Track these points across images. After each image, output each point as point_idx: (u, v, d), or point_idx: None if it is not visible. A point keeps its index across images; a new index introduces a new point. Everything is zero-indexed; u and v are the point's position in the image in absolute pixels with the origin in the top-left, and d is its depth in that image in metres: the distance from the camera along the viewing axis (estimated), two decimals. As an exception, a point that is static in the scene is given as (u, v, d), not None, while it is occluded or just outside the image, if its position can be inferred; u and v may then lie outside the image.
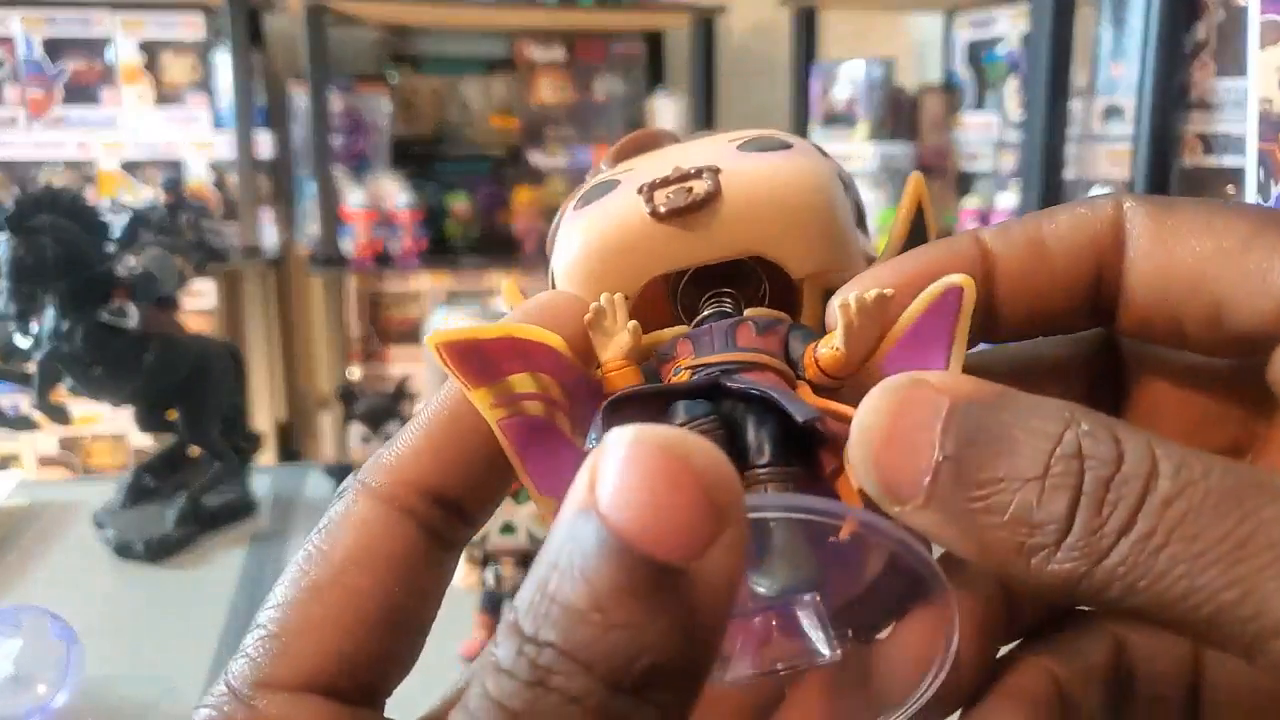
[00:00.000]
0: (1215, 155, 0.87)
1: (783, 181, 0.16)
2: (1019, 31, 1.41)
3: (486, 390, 0.15)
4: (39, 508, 0.62)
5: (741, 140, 0.17)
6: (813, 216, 0.16)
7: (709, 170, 0.16)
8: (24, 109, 1.51)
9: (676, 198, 0.15)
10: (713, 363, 0.15)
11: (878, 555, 0.15)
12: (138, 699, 0.41)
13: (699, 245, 0.16)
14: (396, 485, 0.15)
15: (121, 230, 0.55)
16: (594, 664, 0.10)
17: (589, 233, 0.16)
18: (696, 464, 0.11)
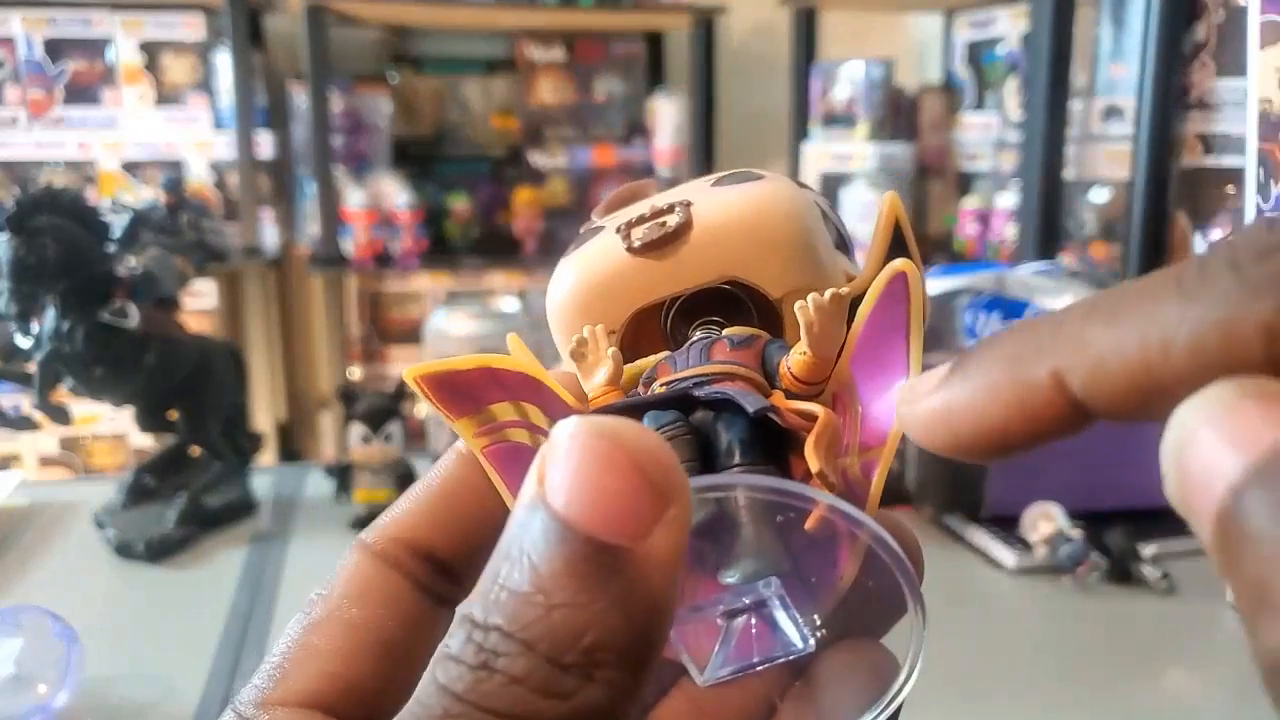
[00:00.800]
0: (1215, 155, 0.87)
1: (752, 207, 0.17)
2: (1019, 31, 1.41)
3: (469, 420, 0.16)
4: (39, 508, 0.62)
5: (717, 178, 0.18)
6: (784, 237, 0.17)
7: (680, 204, 0.17)
8: (24, 109, 1.51)
9: (650, 232, 0.16)
10: (685, 376, 0.16)
11: (849, 549, 0.15)
12: (138, 699, 0.41)
13: (675, 274, 0.17)
14: (388, 542, 0.16)
15: (122, 230, 0.55)
16: (536, 643, 0.11)
17: (574, 273, 0.17)
18: (631, 446, 0.11)
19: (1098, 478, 0.56)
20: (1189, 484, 0.10)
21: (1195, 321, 0.10)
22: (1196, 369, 0.10)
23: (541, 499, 0.11)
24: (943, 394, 0.12)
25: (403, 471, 0.58)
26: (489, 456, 0.16)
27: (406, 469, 0.58)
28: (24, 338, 0.52)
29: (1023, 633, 0.48)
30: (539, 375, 0.16)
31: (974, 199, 1.48)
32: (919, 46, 1.76)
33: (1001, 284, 0.61)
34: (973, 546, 0.55)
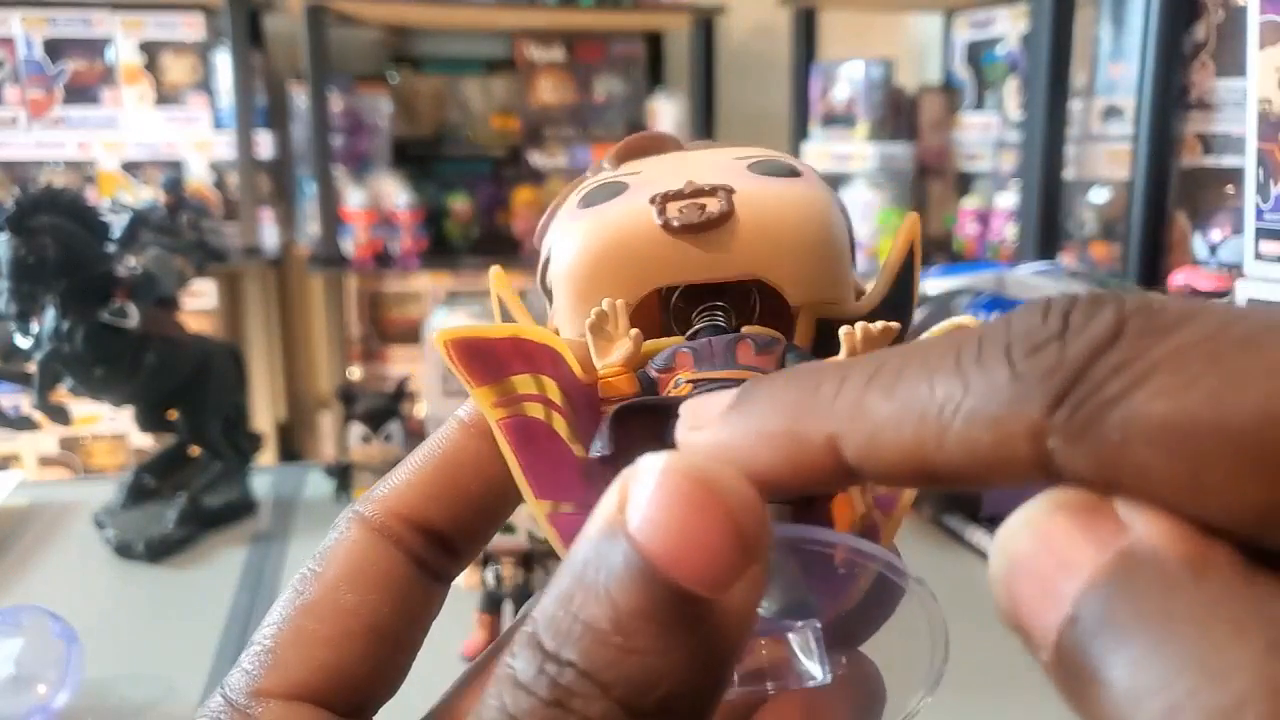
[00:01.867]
0: (1215, 155, 0.87)
1: (793, 210, 0.16)
2: (1018, 31, 1.41)
3: (490, 389, 0.15)
4: (39, 508, 0.62)
5: (751, 160, 0.17)
6: (817, 248, 0.16)
7: (724, 190, 0.16)
8: (24, 109, 1.51)
9: (690, 213, 0.16)
10: (713, 379, 0.15)
11: (869, 575, 0.15)
12: (138, 698, 0.41)
13: (706, 262, 0.16)
14: (387, 515, 0.15)
15: (122, 230, 0.55)
16: (613, 687, 0.10)
17: (596, 235, 0.16)
18: (729, 497, 0.11)
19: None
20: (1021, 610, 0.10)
21: (967, 413, 0.10)
22: (967, 463, 0.10)
23: (624, 530, 0.11)
24: (722, 430, 0.12)
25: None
26: (503, 428, 0.15)
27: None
28: (24, 338, 0.52)
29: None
30: (561, 349, 0.16)
31: (974, 199, 1.48)
32: (919, 46, 1.76)
33: (1001, 284, 0.61)
34: (972, 546, 0.55)
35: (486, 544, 0.16)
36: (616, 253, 0.16)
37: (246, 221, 1.54)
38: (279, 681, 0.14)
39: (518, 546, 0.42)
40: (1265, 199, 0.43)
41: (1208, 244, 0.85)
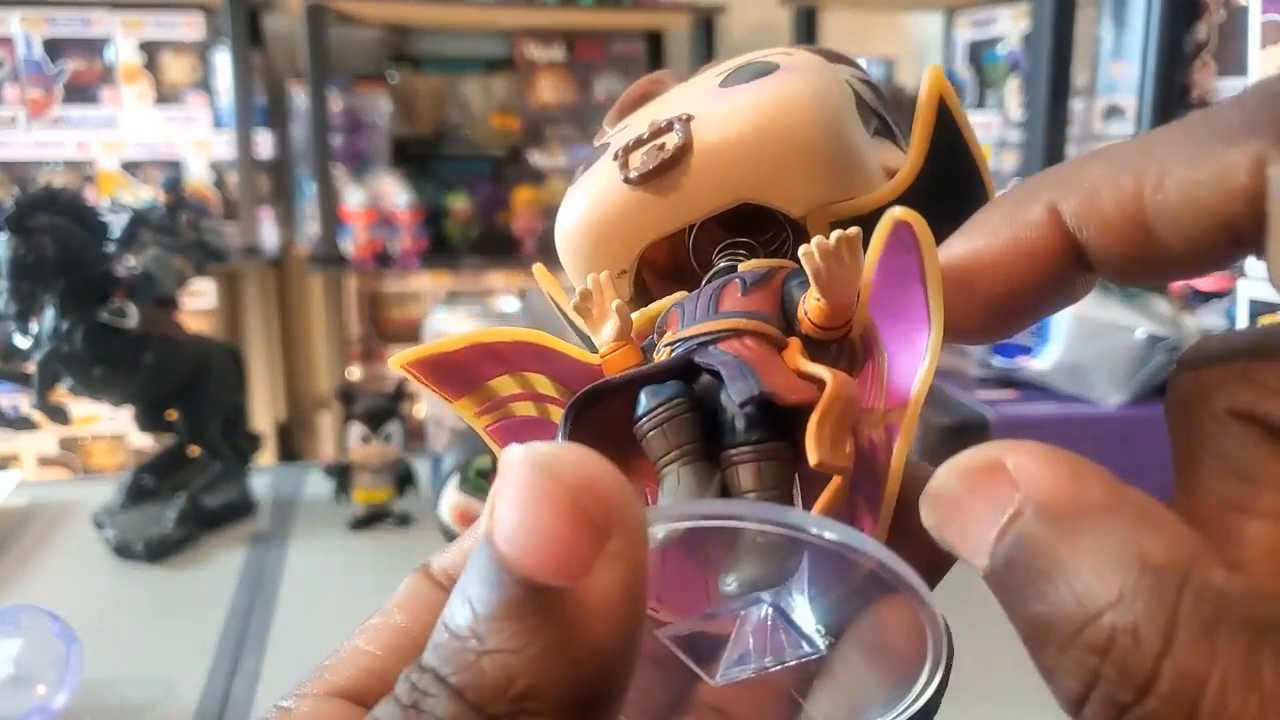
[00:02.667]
0: (1216, 155, 0.87)
1: (761, 116, 0.14)
2: (1019, 31, 1.41)
3: (468, 400, 0.15)
4: (38, 508, 0.62)
5: (728, 72, 0.15)
6: (801, 148, 0.14)
7: (680, 120, 0.15)
8: (24, 109, 1.51)
9: (648, 159, 0.14)
10: (689, 336, 0.14)
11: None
12: (137, 699, 0.41)
13: (681, 205, 0.15)
14: (444, 569, 0.15)
15: (121, 230, 0.55)
16: (464, 689, 0.10)
17: (573, 209, 0.16)
18: (565, 476, 0.10)
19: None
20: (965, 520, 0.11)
21: (1191, 150, 0.10)
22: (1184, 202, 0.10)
23: (487, 535, 0.10)
24: (947, 250, 0.12)
25: (402, 471, 0.58)
26: (493, 435, 0.15)
27: (406, 469, 0.58)
28: (23, 337, 0.52)
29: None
30: (539, 340, 0.15)
31: (974, 198, 1.48)
32: (920, 46, 1.76)
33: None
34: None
35: None
36: (591, 222, 0.15)
37: (246, 221, 1.54)
38: (325, 685, 0.14)
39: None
40: (1267, 198, 0.43)
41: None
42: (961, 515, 0.11)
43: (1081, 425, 0.56)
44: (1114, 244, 0.11)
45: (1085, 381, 0.57)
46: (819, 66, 0.16)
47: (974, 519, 0.11)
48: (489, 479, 0.41)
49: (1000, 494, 0.11)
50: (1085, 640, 0.10)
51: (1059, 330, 0.58)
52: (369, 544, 0.56)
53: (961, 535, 0.11)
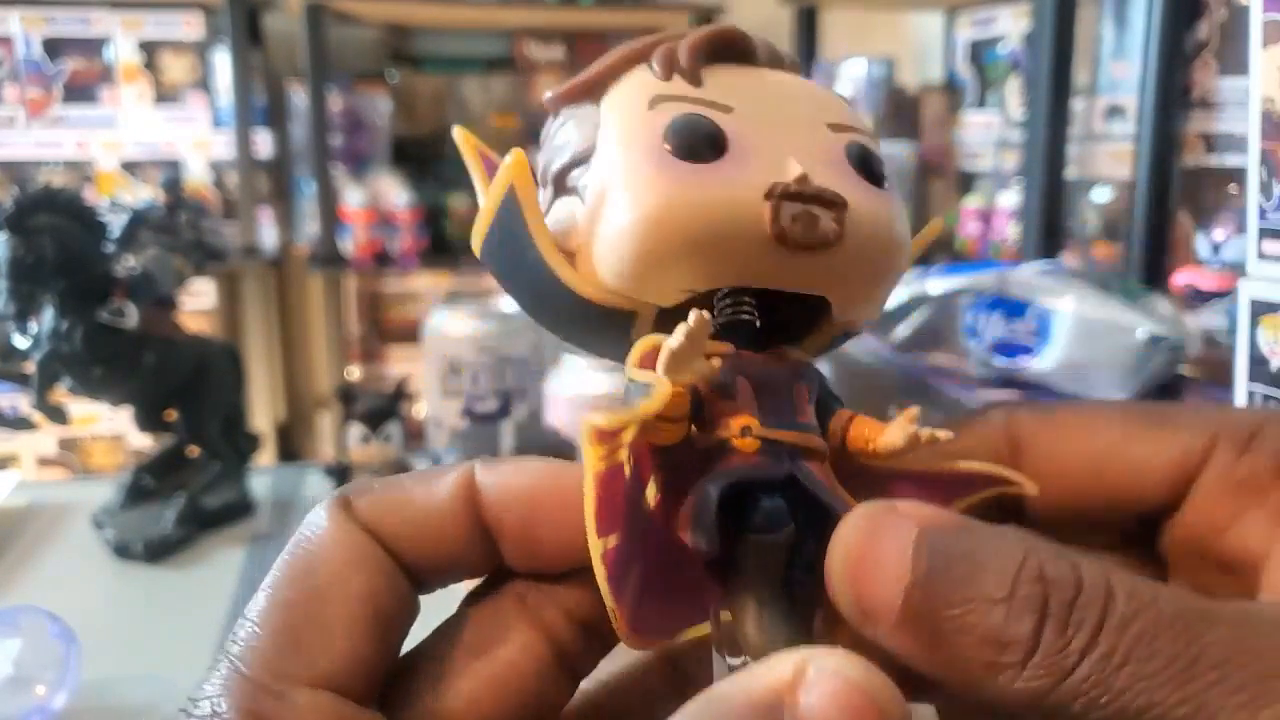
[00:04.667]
0: (1217, 154, 0.87)
1: (890, 242, 0.14)
2: (1020, 30, 1.41)
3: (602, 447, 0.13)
4: (37, 508, 0.62)
5: (845, 139, 0.15)
6: (893, 280, 0.15)
7: (839, 205, 0.14)
8: (23, 108, 1.51)
9: (806, 230, 0.13)
10: (783, 441, 0.14)
11: None
12: (137, 699, 0.41)
13: (790, 274, 0.14)
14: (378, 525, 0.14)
15: (120, 230, 0.55)
16: None
17: (693, 217, 0.13)
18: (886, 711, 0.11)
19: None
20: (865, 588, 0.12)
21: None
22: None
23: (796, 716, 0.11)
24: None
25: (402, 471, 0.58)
26: (596, 478, 0.13)
27: (405, 469, 0.58)
28: (22, 337, 0.52)
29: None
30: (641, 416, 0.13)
31: (975, 198, 1.48)
32: (920, 45, 1.76)
33: (1003, 283, 0.61)
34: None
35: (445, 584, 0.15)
36: (717, 248, 0.13)
37: (245, 221, 1.54)
38: (305, 669, 0.13)
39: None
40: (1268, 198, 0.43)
41: (1210, 243, 0.85)
42: (871, 557, 0.12)
43: (1083, 425, 0.56)
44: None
45: (1086, 381, 0.57)
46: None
47: (884, 554, 0.12)
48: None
49: (903, 527, 0.12)
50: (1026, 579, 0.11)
51: (1060, 330, 0.58)
52: (369, 544, 0.56)
53: (873, 576, 0.12)
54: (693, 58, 0.15)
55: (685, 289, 0.14)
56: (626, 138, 0.14)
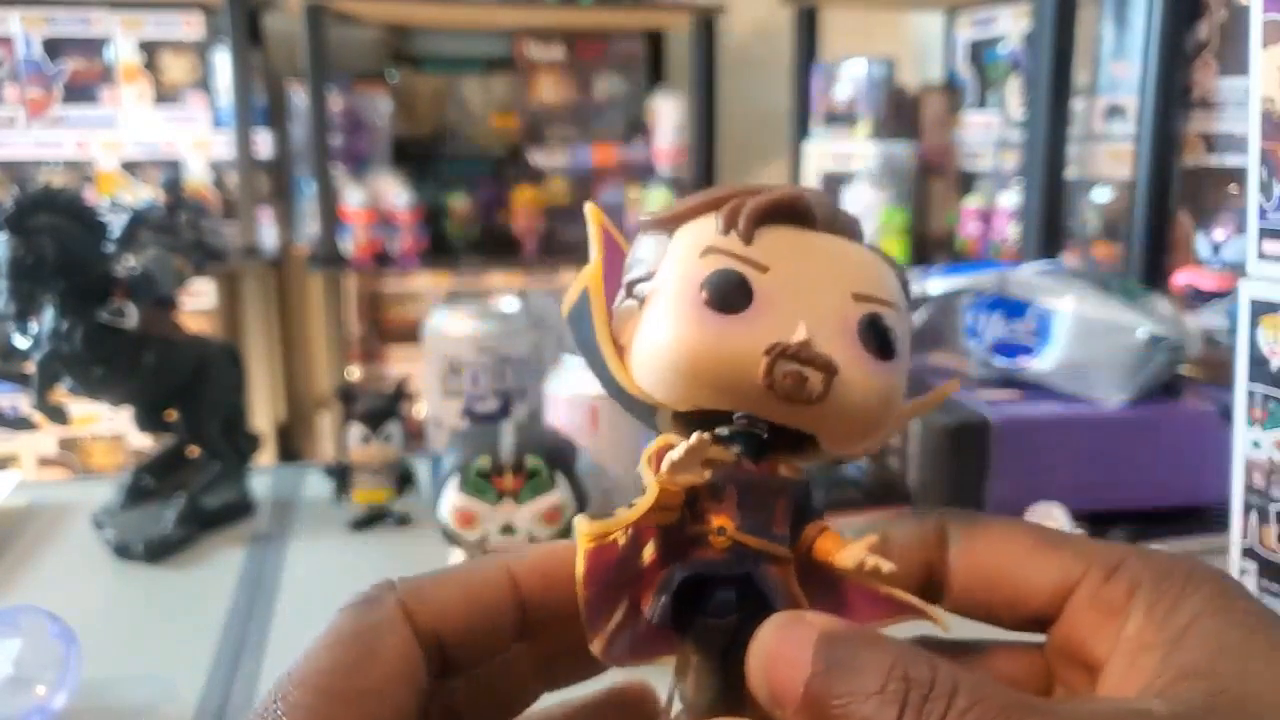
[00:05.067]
0: (1217, 154, 0.87)
1: (870, 411, 0.17)
2: (1020, 30, 1.41)
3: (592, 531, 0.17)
4: (38, 508, 0.62)
5: (864, 312, 0.17)
6: (875, 436, 0.18)
7: (828, 370, 0.16)
8: (23, 108, 1.51)
9: (792, 386, 0.16)
10: (752, 547, 0.17)
11: None
12: (137, 699, 0.41)
13: (781, 414, 0.17)
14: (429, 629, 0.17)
15: (120, 230, 0.55)
16: None
17: (707, 359, 0.17)
18: None
19: (1100, 478, 0.56)
20: (777, 681, 0.15)
21: None
22: None
23: None
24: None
25: (402, 472, 0.58)
26: (587, 556, 0.17)
27: (406, 469, 0.58)
28: (22, 338, 0.52)
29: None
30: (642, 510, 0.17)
31: (976, 198, 1.48)
32: (920, 45, 1.76)
33: (1004, 283, 0.61)
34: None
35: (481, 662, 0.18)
36: (718, 387, 0.17)
37: (245, 221, 1.54)
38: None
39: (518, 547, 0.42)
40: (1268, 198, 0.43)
41: (1210, 243, 0.85)
42: (782, 655, 0.16)
43: (1082, 425, 0.56)
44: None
45: (1086, 381, 0.57)
46: (904, 320, 0.18)
47: (792, 654, 0.16)
48: (489, 479, 0.41)
49: (807, 633, 0.16)
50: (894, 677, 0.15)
51: (1060, 330, 0.58)
52: (369, 544, 0.56)
53: (783, 671, 0.15)
54: (750, 221, 0.17)
55: (696, 405, 0.17)
56: (676, 275, 0.17)
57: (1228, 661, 0.15)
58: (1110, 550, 0.18)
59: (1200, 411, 0.57)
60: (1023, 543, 0.18)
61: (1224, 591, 0.16)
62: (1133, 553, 0.18)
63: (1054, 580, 0.18)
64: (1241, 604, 0.16)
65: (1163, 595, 0.16)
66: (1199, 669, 0.15)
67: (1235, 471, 0.43)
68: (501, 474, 0.41)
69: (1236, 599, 0.16)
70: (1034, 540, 0.18)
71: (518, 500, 0.42)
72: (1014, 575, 0.18)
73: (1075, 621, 0.18)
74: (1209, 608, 0.16)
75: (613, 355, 0.18)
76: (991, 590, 0.19)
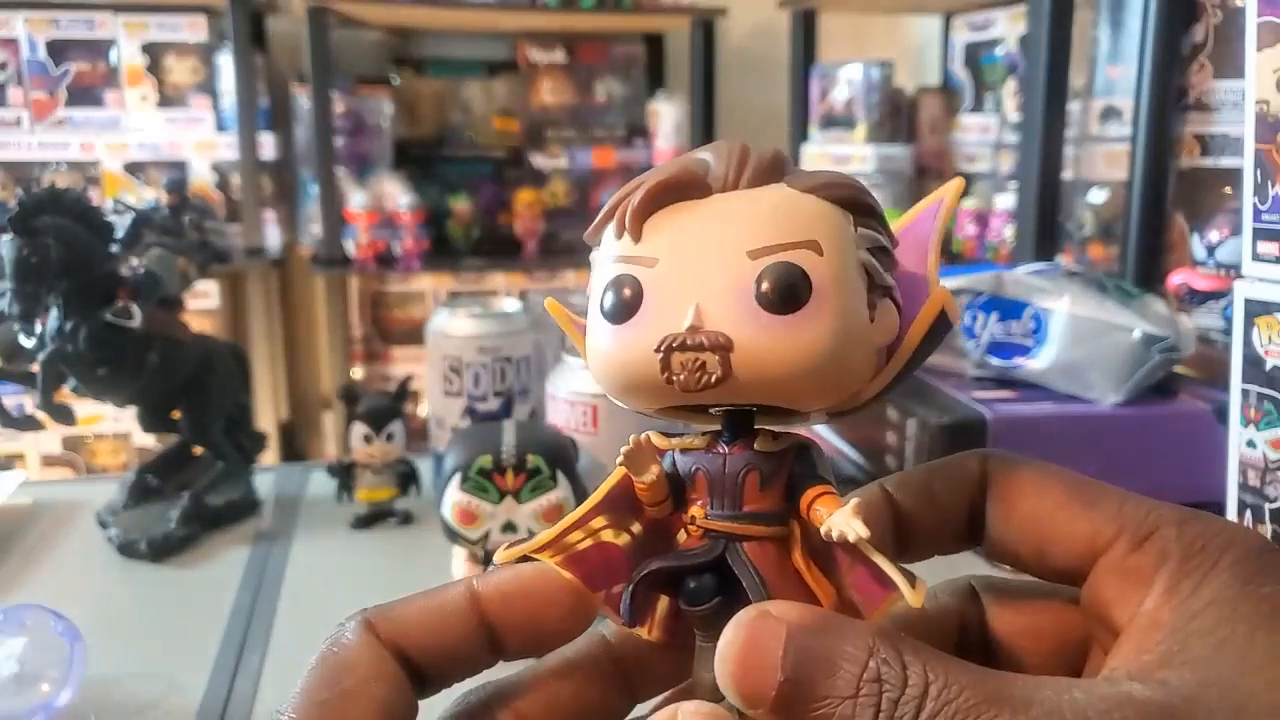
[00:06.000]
0: (1213, 156, 0.87)
1: (788, 366, 0.16)
2: (1017, 33, 1.41)
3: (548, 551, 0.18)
4: (42, 507, 0.62)
5: (763, 263, 0.16)
6: (815, 383, 0.17)
7: (722, 348, 0.16)
8: (28, 110, 1.51)
9: (689, 377, 0.16)
10: (721, 531, 0.17)
11: None
12: (141, 697, 0.41)
13: (711, 398, 0.17)
14: (393, 640, 0.17)
15: (125, 231, 0.55)
16: None
17: (612, 371, 0.17)
18: None
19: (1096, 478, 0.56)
20: (748, 676, 0.15)
21: None
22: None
23: None
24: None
25: (404, 471, 0.58)
26: (562, 566, 0.18)
27: (408, 468, 0.58)
28: (27, 338, 0.53)
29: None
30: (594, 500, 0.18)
31: (972, 200, 1.48)
32: (918, 48, 1.77)
33: (1000, 284, 0.61)
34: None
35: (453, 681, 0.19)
36: (629, 388, 0.17)
37: (249, 222, 1.55)
38: None
39: (518, 545, 0.42)
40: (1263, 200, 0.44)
41: (1205, 245, 0.85)
42: (751, 654, 0.15)
43: (1078, 424, 0.57)
44: None
45: (1082, 381, 0.57)
46: (842, 251, 0.17)
47: (761, 653, 0.15)
48: (490, 478, 0.42)
49: (776, 630, 0.15)
50: (867, 680, 0.15)
51: (1056, 330, 0.59)
52: (372, 543, 0.56)
53: (754, 671, 0.15)
54: (636, 218, 0.17)
55: (641, 408, 0.18)
56: (591, 293, 0.18)
57: (1227, 655, 0.15)
58: (1146, 514, 0.17)
59: (1195, 411, 0.57)
60: (1056, 496, 0.18)
61: (1251, 577, 0.16)
62: (1168, 521, 0.17)
63: (1083, 540, 0.18)
64: (1266, 591, 0.16)
65: (1187, 574, 0.16)
66: (1198, 657, 0.15)
67: (1230, 471, 0.43)
68: (503, 472, 0.42)
69: (1263, 585, 0.16)
70: (1068, 494, 0.18)
71: (519, 499, 0.42)
72: (1044, 530, 0.18)
73: (1102, 584, 0.17)
74: (1228, 593, 0.16)
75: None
76: (1021, 542, 0.18)
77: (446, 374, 0.59)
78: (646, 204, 0.17)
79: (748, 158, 0.17)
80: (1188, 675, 0.15)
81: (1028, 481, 0.19)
